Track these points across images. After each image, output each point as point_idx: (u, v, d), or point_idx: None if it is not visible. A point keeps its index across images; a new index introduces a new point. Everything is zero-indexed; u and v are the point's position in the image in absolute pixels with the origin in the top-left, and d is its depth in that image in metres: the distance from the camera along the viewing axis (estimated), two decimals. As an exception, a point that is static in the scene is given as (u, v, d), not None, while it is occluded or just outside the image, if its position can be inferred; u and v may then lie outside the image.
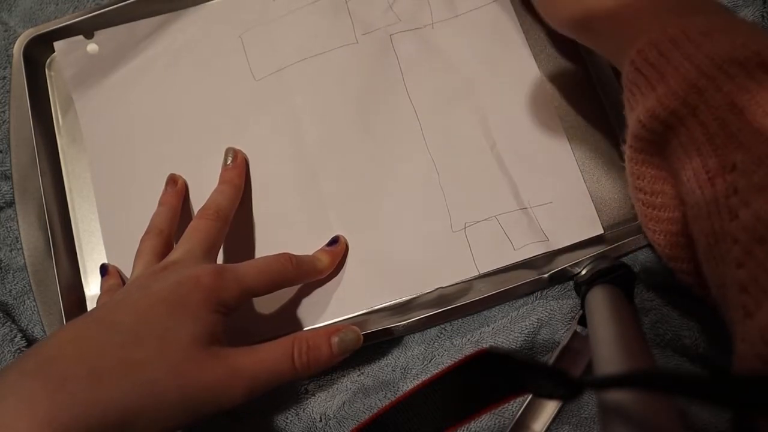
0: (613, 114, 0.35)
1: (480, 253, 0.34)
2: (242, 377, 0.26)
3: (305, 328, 0.34)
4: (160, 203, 0.34)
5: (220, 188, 0.34)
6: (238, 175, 0.35)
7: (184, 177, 0.36)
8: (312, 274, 0.33)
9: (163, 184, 0.35)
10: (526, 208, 0.34)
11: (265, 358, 0.27)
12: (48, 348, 0.24)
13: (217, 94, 0.38)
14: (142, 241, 0.32)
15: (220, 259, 0.35)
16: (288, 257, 0.31)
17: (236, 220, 0.34)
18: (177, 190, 0.35)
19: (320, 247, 0.34)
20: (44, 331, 0.34)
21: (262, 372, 0.26)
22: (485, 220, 0.34)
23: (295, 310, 0.34)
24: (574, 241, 0.33)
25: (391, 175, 0.35)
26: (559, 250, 0.33)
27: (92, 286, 0.36)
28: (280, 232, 0.36)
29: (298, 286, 0.34)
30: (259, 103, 0.37)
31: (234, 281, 0.28)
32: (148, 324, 0.25)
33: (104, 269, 0.35)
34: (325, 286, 0.34)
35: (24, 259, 0.35)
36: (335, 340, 0.28)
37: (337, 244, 0.34)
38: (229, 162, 0.35)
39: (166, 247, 0.32)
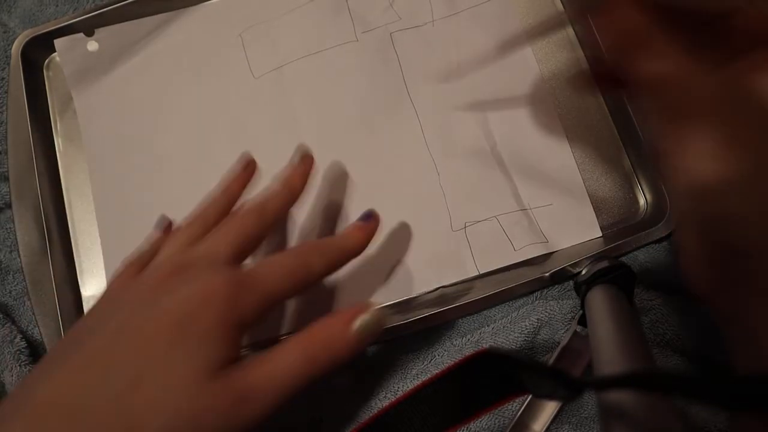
0: (613, 114, 0.35)
1: (480, 252, 0.34)
2: (254, 399, 0.23)
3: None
4: (223, 189, 0.29)
5: (273, 186, 0.28)
6: (300, 175, 0.29)
7: (182, 176, 0.36)
8: (341, 258, 0.27)
9: (162, 182, 0.35)
10: (526, 209, 0.34)
11: (274, 371, 0.23)
12: (37, 406, 0.21)
13: (216, 92, 0.38)
14: (185, 224, 0.28)
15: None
16: (310, 246, 0.26)
17: None
18: (245, 177, 0.30)
19: (351, 223, 0.29)
20: (40, 333, 0.34)
21: (275, 389, 0.23)
22: (486, 220, 0.34)
23: (294, 310, 0.34)
24: (573, 244, 0.34)
25: (391, 175, 0.35)
26: (559, 250, 0.33)
27: (88, 287, 0.36)
28: (278, 230, 0.35)
29: None
30: (259, 102, 0.37)
31: (255, 292, 0.24)
32: (150, 360, 0.22)
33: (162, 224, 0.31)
34: (324, 286, 0.34)
35: (20, 259, 0.35)
36: (353, 329, 0.24)
37: (371, 219, 0.29)
38: (296, 161, 0.30)
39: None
